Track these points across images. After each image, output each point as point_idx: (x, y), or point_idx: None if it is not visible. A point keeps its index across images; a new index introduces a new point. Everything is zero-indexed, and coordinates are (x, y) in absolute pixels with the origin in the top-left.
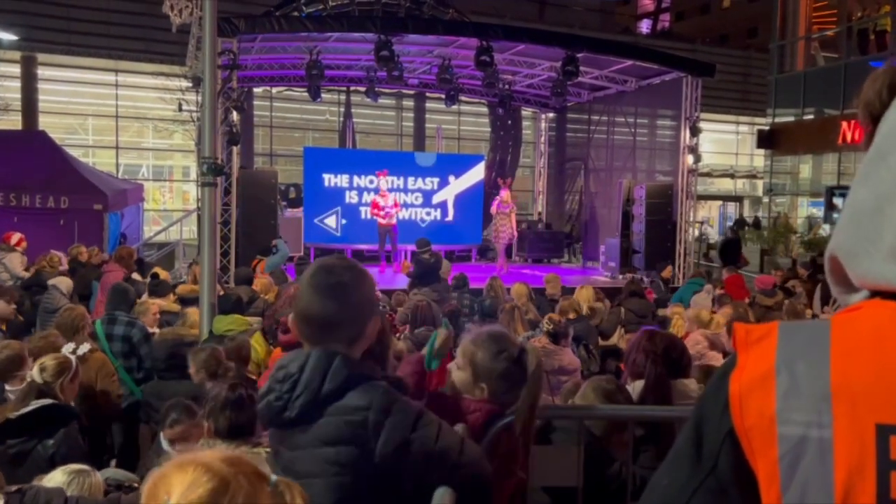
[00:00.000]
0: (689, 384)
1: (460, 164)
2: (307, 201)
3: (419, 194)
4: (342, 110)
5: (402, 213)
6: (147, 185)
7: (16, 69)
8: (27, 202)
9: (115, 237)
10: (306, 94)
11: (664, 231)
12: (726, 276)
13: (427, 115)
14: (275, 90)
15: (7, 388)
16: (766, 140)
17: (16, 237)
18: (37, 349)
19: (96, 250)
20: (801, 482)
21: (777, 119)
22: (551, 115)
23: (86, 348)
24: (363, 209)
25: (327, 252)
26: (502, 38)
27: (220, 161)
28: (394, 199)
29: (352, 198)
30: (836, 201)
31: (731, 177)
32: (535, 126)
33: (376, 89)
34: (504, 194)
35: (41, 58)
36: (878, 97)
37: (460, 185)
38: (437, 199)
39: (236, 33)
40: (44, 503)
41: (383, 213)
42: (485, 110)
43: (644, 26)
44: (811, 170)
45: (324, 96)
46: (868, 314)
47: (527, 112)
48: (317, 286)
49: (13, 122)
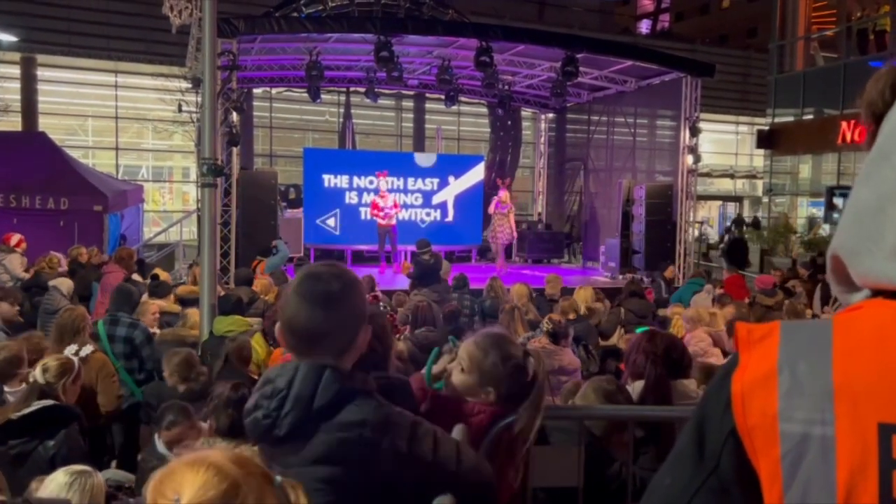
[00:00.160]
0: (690, 384)
1: (460, 164)
2: (307, 202)
3: (419, 195)
4: (342, 111)
5: (402, 214)
6: (147, 186)
7: (15, 70)
8: (27, 203)
9: (115, 238)
10: (306, 94)
11: (664, 231)
12: (726, 277)
13: (427, 116)
14: (274, 91)
15: (6, 389)
16: (766, 140)
17: (15, 238)
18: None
19: (95, 250)
20: (804, 481)
21: (776, 119)
22: (551, 115)
23: (88, 350)
24: (363, 210)
25: (327, 253)
26: (502, 38)
27: (219, 162)
28: (393, 199)
29: (351, 198)
30: (836, 201)
31: (731, 177)
32: (535, 126)
33: (376, 90)
34: (502, 194)
35: (41, 59)
36: (881, 97)
37: (460, 185)
38: (436, 199)
39: (236, 34)
40: None
41: (382, 213)
42: (484, 111)
43: (644, 27)
44: (811, 170)
45: (323, 97)
46: (870, 313)
47: (526, 112)
48: (304, 295)
49: (13, 123)
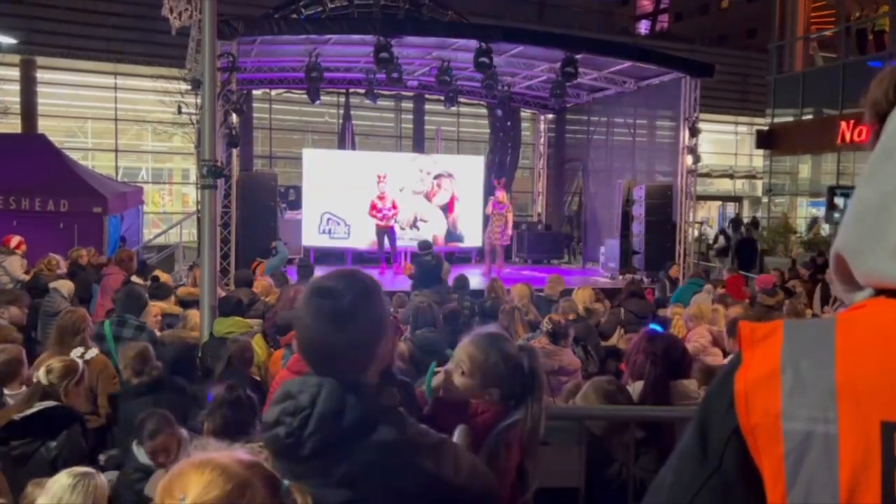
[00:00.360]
0: (690, 385)
1: (460, 165)
2: (307, 203)
3: (418, 196)
4: (341, 112)
5: (402, 215)
6: (146, 187)
7: (15, 73)
8: (27, 205)
9: (115, 240)
10: (305, 96)
11: (664, 232)
12: (727, 277)
13: (426, 117)
14: (274, 92)
15: (6, 391)
16: (765, 140)
17: (15, 240)
18: None
19: (93, 251)
20: (806, 480)
21: (776, 119)
22: (550, 116)
23: (94, 353)
24: (362, 211)
25: (327, 253)
26: (501, 39)
27: (219, 164)
28: (392, 201)
29: (351, 200)
30: (837, 201)
31: (731, 177)
32: (535, 127)
33: (375, 91)
34: (499, 194)
35: (40, 61)
36: (885, 96)
37: (459, 186)
38: (436, 200)
39: (235, 36)
40: None
41: (380, 215)
42: (484, 112)
43: (643, 27)
44: (810, 170)
45: (323, 98)
46: (873, 312)
47: (526, 113)
48: (317, 312)
49: (12, 125)
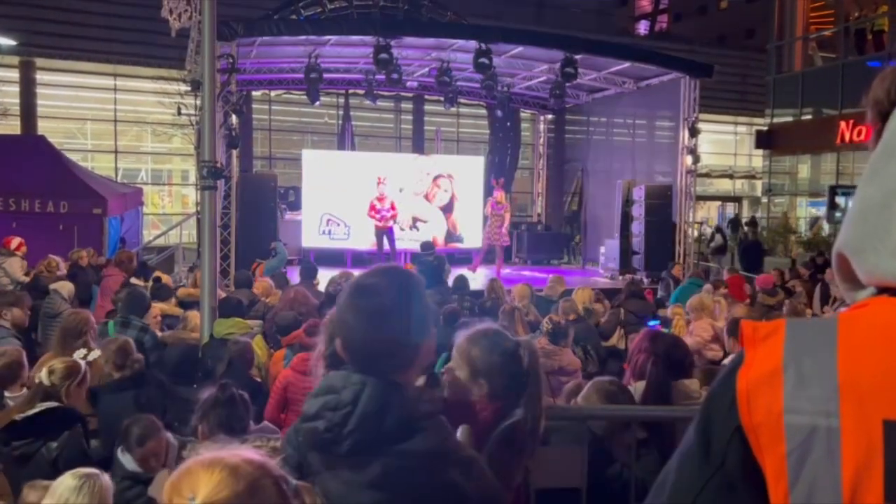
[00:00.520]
0: (691, 385)
1: (459, 166)
2: (306, 204)
3: (418, 197)
4: (341, 113)
5: (401, 216)
6: (146, 188)
7: (14, 74)
8: (26, 207)
9: (115, 241)
10: (305, 97)
11: (663, 232)
12: (727, 277)
13: (426, 118)
14: (273, 93)
15: (6, 394)
16: (765, 140)
17: (15, 242)
18: None
19: (92, 252)
20: (809, 478)
21: (775, 119)
22: (550, 116)
23: (96, 354)
24: (362, 212)
25: (327, 254)
26: (501, 40)
27: (219, 165)
28: (391, 202)
29: (351, 201)
30: (838, 200)
31: (730, 177)
32: (534, 128)
33: (375, 92)
34: (498, 195)
35: (40, 62)
36: (887, 95)
37: (459, 187)
38: (436, 201)
39: (235, 37)
40: None
41: (379, 216)
42: (483, 112)
43: (642, 27)
44: (809, 170)
45: (322, 99)
46: (875, 311)
47: (525, 114)
48: (359, 310)
49: (12, 126)
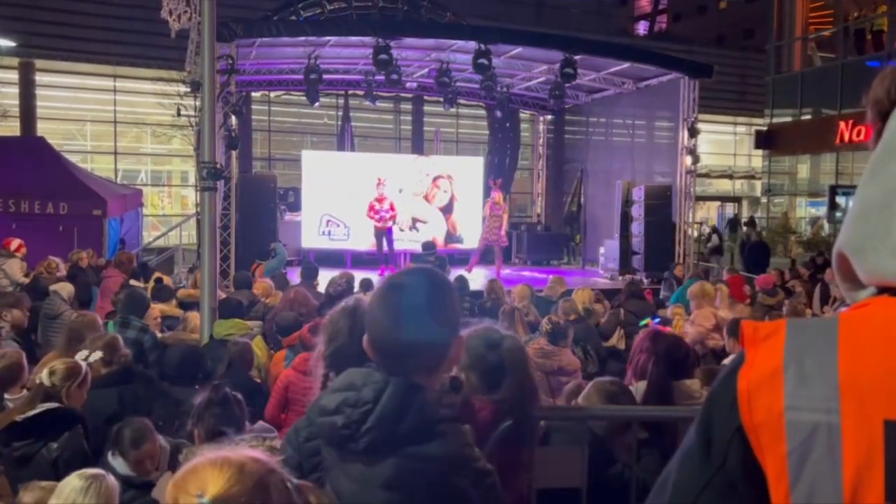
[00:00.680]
0: (693, 385)
1: (459, 167)
2: (306, 205)
3: (418, 197)
4: (340, 114)
5: (401, 217)
6: (146, 190)
7: (14, 75)
8: (26, 208)
9: (115, 242)
10: (304, 98)
11: (663, 232)
12: (727, 277)
13: (425, 118)
14: (273, 94)
15: (6, 396)
16: (764, 140)
17: (15, 243)
18: None
19: (91, 252)
20: (810, 478)
21: (774, 119)
22: (549, 117)
23: (98, 356)
24: (362, 212)
25: (327, 255)
26: (500, 41)
27: (219, 166)
28: (390, 202)
29: (350, 201)
30: (839, 200)
31: (730, 177)
32: (534, 128)
33: (374, 93)
34: (496, 195)
35: (39, 64)
36: (887, 95)
37: (458, 188)
38: (435, 202)
39: (234, 38)
40: None
41: (378, 216)
42: (483, 113)
43: (641, 28)
44: (809, 170)
45: (322, 100)
46: (876, 311)
47: (525, 114)
48: (390, 308)
49: (11, 128)
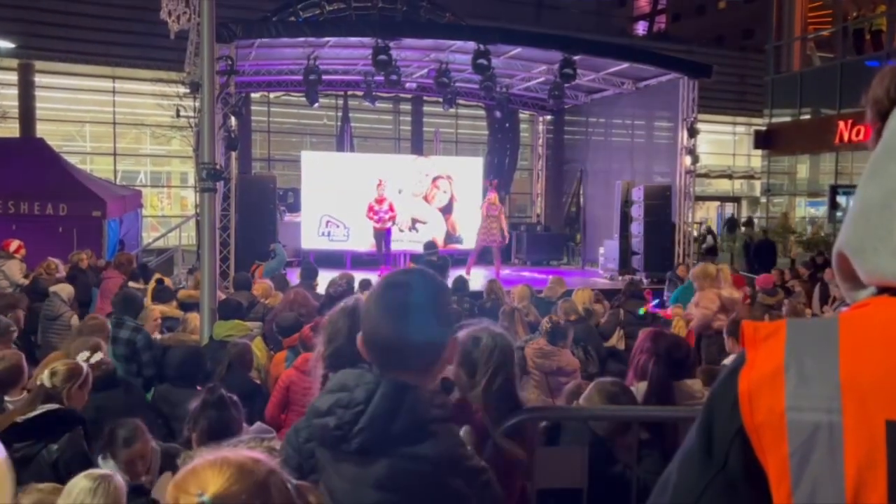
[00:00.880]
0: (694, 385)
1: (458, 167)
2: (305, 206)
3: (417, 198)
4: (340, 115)
5: (400, 217)
6: (145, 191)
7: (13, 77)
8: (25, 209)
9: (114, 244)
10: (304, 98)
11: (663, 232)
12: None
13: (425, 119)
14: (272, 95)
15: (6, 398)
16: (764, 140)
17: (15, 244)
18: None
19: (90, 253)
20: (812, 479)
21: (774, 119)
22: (549, 117)
23: (99, 356)
24: (362, 213)
25: (326, 256)
26: (499, 41)
27: (218, 166)
28: (389, 204)
29: (350, 202)
30: (839, 200)
31: (729, 177)
32: (533, 129)
33: (374, 93)
34: (492, 196)
35: (38, 65)
36: (887, 94)
37: (458, 188)
38: (434, 202)
39: (234, 39)
40: None
41: (377, 217)
42: (482, 113)
43: (640, 28)
44: (808, 170)
45: (321, 101)
46: (876, 311)
47: (524, 115)
48: (386, 306)
49: (11, 129)
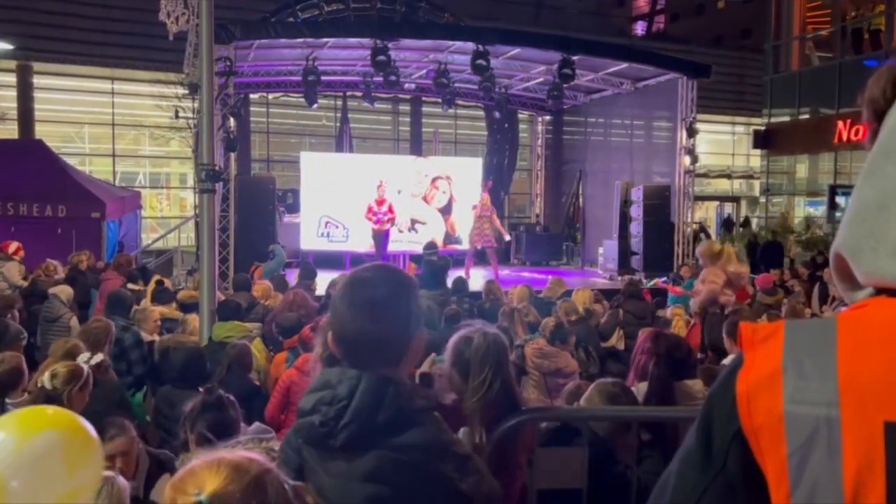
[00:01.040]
0: (695, 385)
1: (457, 167)
2: (305, 207)
3: (416, 199)
4: (339, 115)
5: (400, 218)
6: (144, 192)
7: (12, 78)
8: (24, 211)
9: (113, 245)
10: (302, 99)
11: (662, 232)
12: None
13: (424, 120)
14: (271, 96)
15: (8, 400)
16: (763, 140)
17: (14, 246)
18: None
19: (90, 255)
20: (810, 480)
21: (773, 119)
22: (548, 117)
23: (99, 358)
24: (361, 214)
25: (326, 257)
26: (498, 41)
27: (217, 167)
28: (389, 205)
29: (349, 203)
30: (838, 200)
31: (728, 177)
32: (532, 129)
33: (373, 94)
34: (484, 197)
35: (37, 66)
36: (883, 94)
37: (457, 189)
38: (433, 203)
39: (232, 40)
40: None
41: (375, 218)
42: (481, 114)
43: (639, 28)
44: (807, 169)
45: (320, 102)
46: (874, 311)
47: (523, 115)
48: (351, 303)
49: (9, 131)
